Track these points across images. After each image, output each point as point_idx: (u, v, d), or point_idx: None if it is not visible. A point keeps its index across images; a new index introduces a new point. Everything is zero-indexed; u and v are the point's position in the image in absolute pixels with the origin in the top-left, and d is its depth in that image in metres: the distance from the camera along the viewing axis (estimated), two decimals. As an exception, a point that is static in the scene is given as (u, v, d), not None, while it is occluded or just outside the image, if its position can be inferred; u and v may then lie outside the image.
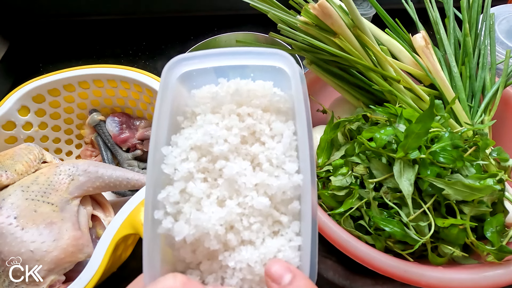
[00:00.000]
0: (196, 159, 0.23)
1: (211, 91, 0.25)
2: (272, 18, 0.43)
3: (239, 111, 0.25)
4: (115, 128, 0.57)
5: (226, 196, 0.23)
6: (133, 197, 0.39)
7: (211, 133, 0.23)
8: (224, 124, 0.24)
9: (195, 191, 0.22)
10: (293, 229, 0.23)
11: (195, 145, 0.24)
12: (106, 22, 0.84)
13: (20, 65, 0.79)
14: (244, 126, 0.24)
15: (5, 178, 0.40)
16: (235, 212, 0.22)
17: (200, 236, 0.22)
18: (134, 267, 0.47)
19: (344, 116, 0.47)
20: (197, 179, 0.23)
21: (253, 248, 0.22)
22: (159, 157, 0.23)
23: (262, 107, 0.25)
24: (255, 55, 0.24)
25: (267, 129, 0.24)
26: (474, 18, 0.48)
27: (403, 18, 0.51)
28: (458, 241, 0.34)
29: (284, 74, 0.24)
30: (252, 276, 0.22)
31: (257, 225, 0.22)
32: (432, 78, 0.45)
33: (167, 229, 0.22)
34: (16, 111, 0.50)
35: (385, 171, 0.36)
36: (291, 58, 0.24)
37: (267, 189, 0.22)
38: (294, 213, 0.23)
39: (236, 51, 0.25)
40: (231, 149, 0.23)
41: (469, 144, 0.37)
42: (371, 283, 0.47)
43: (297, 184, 0.22)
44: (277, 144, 0.24)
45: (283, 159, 0.23)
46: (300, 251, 0.22)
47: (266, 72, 0.25)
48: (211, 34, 0.68)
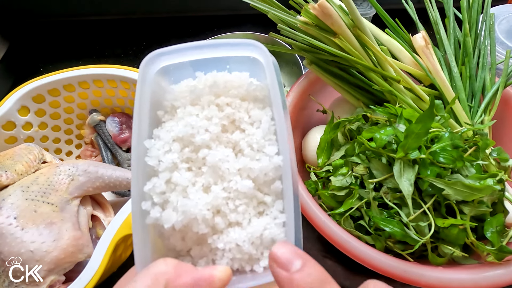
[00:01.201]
0: (179, 150, 0.24)
1: (189, 85, 0.26)
2: (272, 18, 0.43)
3: (218, 101, 0.26)
4: (115, 128, 0.57)
5: (211, 182, 0.24)
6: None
7: (192, 124, 0.24)
8: (204, 114, 0.25)
9: (180, 180, 0.23)
10: (277, 208, 0.24)
11: (177, 137, 0.24)
12: (106, 22, 0.84)
13: (20, 65, 0.79)
14: (223, 115, 0.25)
15: (5, 178, 0.40)
16: (220, 196, 0.23)
17: (188, 222, 0.22)
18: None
19: (344, 116, 0.47)
20: (182, 168, 0.24)
21: (240, 229, 0.23)
22: (143, 150, 0.24)
23: (240, 97, 0.26)
24: (230, 46, 0.25)
25: (246, 116, 0.25)
26: (474, 18, 0.48)
27: (403, 18, 0.51)
28: (458, 241, 0.34)
29: (258, 64, 0.25)
30: (241, 255, 0.23)
31: (242, 207, 0.23)
32: (432, 78, 0.45)
33: (156, 218, 0.22)
34: (16, 111, 0.50)
35: (385, 171, 0.36)
36: (264, 48, 0.25)
37: (249, 173, 0.23)
38: (277, 192, 0.24)
39: (212, 43, 0.25)
40: (213, 137, 0.24)
41: (469, 144, 0.37)
42: (371, 283, 0.46)
43: (277, 165, 0.23)
44: (256, 130, 0.25)
45: (263, 143, 0.24)
46: (284, 227, 0.23)
47: (242, 63, 0.26)
48: (211, 34, 0.68)
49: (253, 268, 0.23)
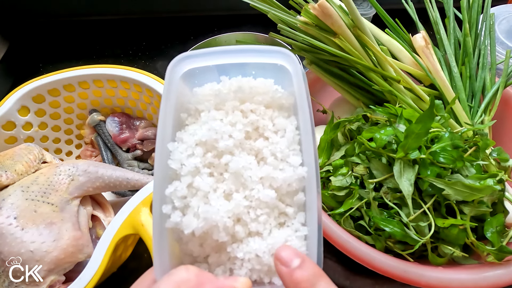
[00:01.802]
0: (202, 154, 0.24)
1: (213, 88, 0.26)
2: (272, 18, 0.43)
3: (242, 107, 0.25)
4: (115, 128, 0.57)
5: (232, 189, 0.23)
6: (133, 197, 0.39)
7: (216, 129, 0.24)
8: (228, 120, 0.25)
9: (202, 185, 0.23)
10: (299, 220, 0.23)
11: (201, 141, 0.24)
12: (106, 22, 0.84)
13: (20, 65, 0.79)
14: (247, 122, 0.25)
15: (5, 178, 0.40)
16: (242, 204, 0.23)
17: (208, 228, 0.22)
18: (134, 267, 0.47)
19: (344, 116, 0.47)
20: (204, 173, 0.24)
21: (261, 239, 0.23)
22: (166, 153, 0.24)
23: (264, 104, 0.25)
24: (257, 52, 0.25)
25: (270, 124, 0.25)
26: (474, 18, 0.48)
27: (403, 18, 0.51)
28: (458, 241, 0.34)
29: (284, 72, 0.25)
30: (260, 266, 0.22)
31: (264, 217, 0.23)
32: (432, 78, 0.45)
33: (176, 223, 0.22)
34: (16, 111, 0.50)
35: (385, 171, 0.36)
36: (293, 56, 0.24)
37: (272, 182, 0.23)
38: (299, 204, 0.23)
39: (238, 49, 0.25)
40: (236, 144, 0.24)
41: (469, 144, 0.37)
42: (371, 283, 0.46)
43: (301, 176, 0.23)
44: (280, 138, 0.24)
45: (287, 153, 0.24)
46: (306, 241, 0.22)
47: (267, 70, 0.26)
48: (211, 34, 0.68)
49: (271, 280, 0.23)
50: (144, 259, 0.48)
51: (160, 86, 0.50)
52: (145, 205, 0.38)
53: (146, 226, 0.36)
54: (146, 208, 0.38)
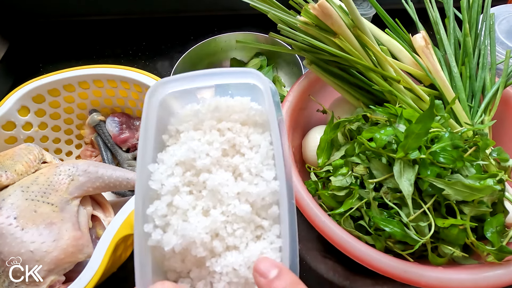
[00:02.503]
0: (181, 173, 0.25)
1: (193, 109, 0.27)
2: (272, 18, 0.43)
3: (219, 126, 0.27)
4: (115, 128, 0.57)
5: (210, 206, 0.24)
6: (133, 197, 0.39)
7: (194, 149, 0.25)
8: (205, 139, 0.26)
9: (181, 203, 0.24)
10: (274, 232, 0.24)
11: (180, 161, 0.25)
12: (106, 22, 0.84)
13: (20, 65, 0.79)
14: (224, 139, 0.26)
15: (5, 178, 0.40)
16: (219, 220, 0.24)
17: (187, 245, 0.23)
18: (134, 268, 0.47)
19: (344, 116, 0.47)
20: (183, 192, 0.25)
21: (238, 253, 0.24)
22: (146, 174, 0.25)
23: (240, 121, 0.27)
24: (232, 74, 0.27)
25: (246, 141, 0.26)
26: (474, 18, 0.48)
27: (403, 18, 0.51)
28: (458, 241, 0.34)
29: (258, 90, 0.26)
30: (238, 279, 0.23)
31: (240, 231, 0.24)
32: (432, 78, 0.45)
33: (157, 240, 0.23)
34: (16, 111, 0.50)
35: (385, 171, 0.36)
36: (261, 75, 0.26)
37: (248, 197, 0.24)
38: (274, 217, 0.24)
39: (214, 72, 0.27)
40: (213, 162, 0.25)
41: (469, 144, 0.37)
42: (371, 283, 0.47)
43: (274, 190, 0.24)
44: (255, 154, 0.25)
45: (261, 168, 0.25)
46: (281, 252, 0.23)
47: (243, 89, 0.27)
48: (211, 34, 0.68)
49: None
50: (144, 259, 0.48)
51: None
52: (145, 205, 0.38)
53: (146, 226, 0.36)
54: (146, 208, 0.38)
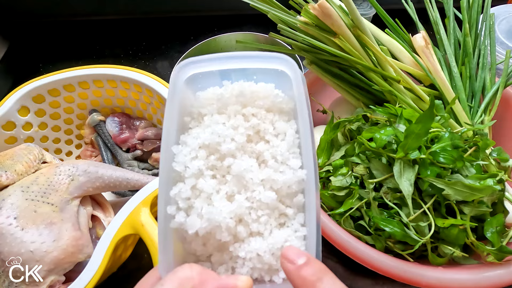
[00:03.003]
0: (205, 157, 0.25)
1: (216, 92, 0.26)
2: (272, 18, 0.43)
3: (244, 111, 0.26)
4: (115, 128, 0.57)
5: (234, 191, 0.24)
6: (133, 198, 0.39)
7: (219, 132, 0.25)
8: (230, 124, 0.26)
9: (205, 187, 0.24)
10: (299, 221, 0.24)
11: (204, 144, 0.25)
12: (106, 22, 0.84)
13: (20, 65, 0.79)
14: (249, 125, 0.26)
15: (5, 179, 0.40)
16: (244, 206, 0.23)
17: (211, 229, 0.23)
18: (134, 268, 0.47)
19: (344, 116, 0.47)
20: (207, 176, 0.24)
21: (262, 239, 0.24)
22: (170, 155, 0.24)
23: (265, 108, 0.26)
24: (258, 58, 0.26)
25: (271, 128, 0.26)
26: (474, 18, 0.48)
27: (403, 18, 0.51)
28: (458, 241, 0.34)
29: (285, 76, 0.26)
30: (261, 265, 0.23)
31: (264, 218, 0.24)
32: (432, 78, 0.45)
33: (180, 223, 0.23)
34: (16, 111, 0.50)
35: (385, 171, 0.36)
36: (293, 61, 0.25)
37: (273, 184, 0.24)
38: (299, 205, 0.24)
39: (240, 55, 0.26)
40: (238, 147, 0.25)
41: (469, 144, 0.37)
42: (371, 283, 0.47)
43: (301, 178, 0.24)
44: (281, 142, 0.25)
45: (287, 156, 0.24)
46: (305, 241, 0.23)
47: (268, 75, 0.27)
48: (211, 34, 0.68)
49: (272, 279, 0.23)
50: (144, 259, 0.48)
51: (160, 86, 0.50)
52: (145, 205, 0.38)
53: (146, 226, 0.36)
54: (146, 208, 0.38)
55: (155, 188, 0.40)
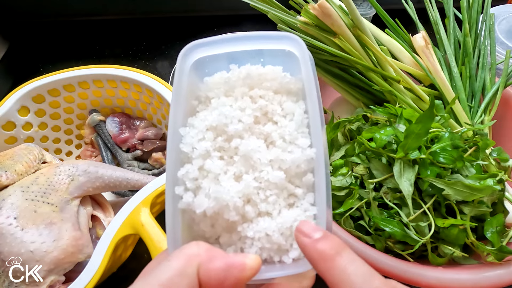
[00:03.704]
0: (213, 138, 0.25)
1: (223, 77, 0.26)
2: (272, 18, 0.43)
3: (251, 93, 0.26)
4: (115, 128, 0.57)
5: (242, 171, 0.24)
6: (133, 198, 0.39)
7: (226, 114, 0.24)
8: (237, 105, 0.25)
9: (212, 167, 0.23)
10: (308, 200, 0.23)
11: (211, 126, 0.25)
12: (106, 22, 0.84)
13: (20, 65, 0.79)
14: (256, 107, 0.25)
15: (5, 179, 0.40)
16: (252, 185, 0.23)
17: (219, 208, 0.22)
18: (134, 267, 0.47)
19: (344, 116, 0.47)
20: (214, 157, 0.24)
21: (270, 219, 0.23)
22: (177, 137, 0.24)
23: (273, 89, 0.26)
24: (266, 38, 0.26)
25: (279, 109, 0.25)
26: (474, 18, 0.48)
27: (403, 18, 0.51)
28: (458, 242, 0.34)
29: (293, 57, 0.25)
30: (270, 244, 0.23)
31: (273, 198, 0.23)
32: (432, 78, 0.45)
33: (188, 203, 0.23)
34: (16, 111, 0.50)
35: (385, 171, 0.36)
36: (300, 41, 0.25)
37: (281, 164, 0.23)
38: (308, 185, 0.24)
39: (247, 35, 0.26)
40: (245, 128, 0.25)
41: (469, 144, 0.37)
42: (371, 283, 0.46)
43: (310, 157, 0.23)
44: (289, 122, 0.25)
45: (296, 135, 0.24)
46: (315, 220, 0.23)
47: (276, 57, 0.26)
48: (211, 34, 0.67)
49: (281, 259, 0.23)
50: (144, 259, 0.48)
51: (160, 86, 0.50)
52: (145, 205, 0.38)
53: (146, 226, 0.36)
54: (146, 208, 0.38)
55: (155, 188, 0.40)
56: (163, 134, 0.59)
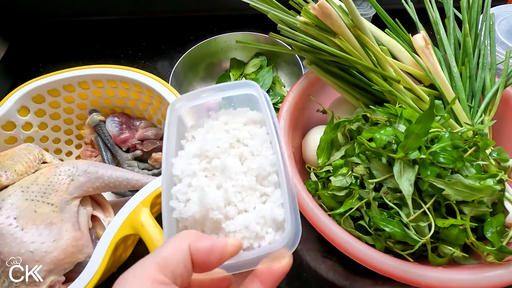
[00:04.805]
0: (198, 162, 0.31)
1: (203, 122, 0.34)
2: (272, 18, 0.43)
3: (226, 127, 0.33)
4: (115, 128, 0.57)
5: (222, 182, 0.29)
6: (133, 198, 0.39)
7: (207, 143, 0.31)
8: (216, 137, 0.32)
9: (198, 183, 0.29)
10: (276, 195, 0.29)
11: (196, 154, 0.31)
12: (106, 22, 0.84)
13: (20, 65, 0.79)
14: (230, 135, 0.32)
15: (5, 179, 0.40)
16: (230, 191, 0.28)
17: (205, 211, 0.28)
18: (134, 268, 0.47)
19: (344, 116, 0.47)
20: (200, 175, 0.30)
21: (248, 213, 0.28)
22: (170, 165, 0.31)
23: (243, 122, 0.34)
24: (233, 86, 0.34)
25: (248, 134, 0.33)
26: (474, 18, 0.48)
27: (403, 18, 0.51)
28: (458, 242, 0.34)
29: (253, 97, 0.33)
30: (249, 233, 0.27)
31: (248, 198, 0.29)
32: (432, 78, 0.45)
33: (180, 211, 0.28)
34: (16, 111, 0.50)
35: (385, 171, 0.36)
36: (256, 85, 0.33)
37: (252, 171, 0.30)
38: (275, 183, 0.30)
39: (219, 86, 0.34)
40: (222, 151, 0.31)
41: (469, 144, 0.37)
42: (371, 283, 0.47)
43: (273, 162, 0.30)
44: (255, 142, 0.32)
45: (261, 149, 0.31)
46: (283, 208, 0.28)
47: (244, 100, 0.34)
48: (211, 34, 0.68)
49: (260, 244, 0.27)
50: (144, 259, 0.47)
51: (160, 86, 0.50)
52: (145, 205, 0.38)
53: (146, 226, 0.36)
54: (146, 208, 0.38)
55: (155, 188, 0.40)
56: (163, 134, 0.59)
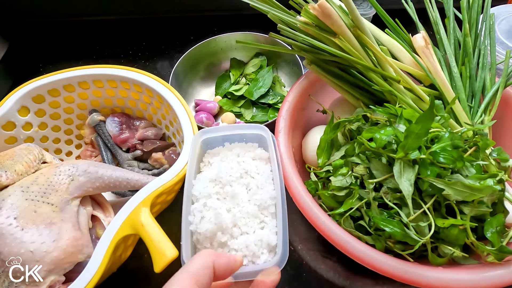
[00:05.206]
0: (213, 186, 0.39)
1: (219, 151, 0.44)
2: (272, 18, 0.43)
3: (237, 159, 0.42)
4: (115, 128, 0.57)
5: (231, 206, 0.38)
6: (133, 198, 0.39)
7: (222, 171, 0.39)
8: (229, 166, 0.40)
9: (212, 204, 0.37)
10: (272, 223, 0.37)
11: (212, 179, 0.40)
12: (106, 22, 0.84)
13: (20, 65, 0.79)
14: (241, 167, 0.40)
15: (5, 179, 0.40)
16: (237, 216, 0.36)
17: (217, 229, 0.35)
18: (134, 268, 0.47)
19: (344, 116, 0.47)
20: (214, 198, 0.38)
21: (248, 235, 0.36)
22: (190, 185, 0.39)
23: (251, 157, 0.42)
24: (247, 127, 0.43)
25: (255, 169, 0.40)
26: (474, 18, 0.48)
27: (403, 18, 0.51)
28: (458, 242, 0.34)
29: (263, 138, 0.42)
30: (248, 251, 0.35)
31: (250, 223, 0.37)
32: (432, 78, 0.45)
33: (196, 225, 0.36)
34: (16, 111, 0.50)
35: (385, 171, 0.36)
36: (266, 128, 0.42)
37: (255, 201, 0.37)
38: (272, 214, 0.37)
39: (235, 126, 0.45)
40: (233, 179, 0.39)
41: (469, 144, 0.37)
42: (371, 283, 0.47)
43: (273, 196, 0.38)
44: (261, 176, 0.40)
45: (264, 184, 0.39)
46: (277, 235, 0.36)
47: (254, 138, 0.43)
48: (211, 34, 0.68)
49: (256, 262, 0.35)
50: (144, 259, 0.48)
51: (160, 86, 0.50)
52: (145, 205, 0.38)
53: (146, 226, 0.36)
54: (146, 208, 0.38)
55: (155, 188, 0.40)
56: (163, 134, 0.59)
